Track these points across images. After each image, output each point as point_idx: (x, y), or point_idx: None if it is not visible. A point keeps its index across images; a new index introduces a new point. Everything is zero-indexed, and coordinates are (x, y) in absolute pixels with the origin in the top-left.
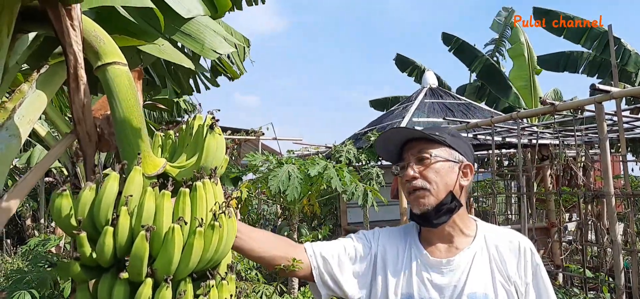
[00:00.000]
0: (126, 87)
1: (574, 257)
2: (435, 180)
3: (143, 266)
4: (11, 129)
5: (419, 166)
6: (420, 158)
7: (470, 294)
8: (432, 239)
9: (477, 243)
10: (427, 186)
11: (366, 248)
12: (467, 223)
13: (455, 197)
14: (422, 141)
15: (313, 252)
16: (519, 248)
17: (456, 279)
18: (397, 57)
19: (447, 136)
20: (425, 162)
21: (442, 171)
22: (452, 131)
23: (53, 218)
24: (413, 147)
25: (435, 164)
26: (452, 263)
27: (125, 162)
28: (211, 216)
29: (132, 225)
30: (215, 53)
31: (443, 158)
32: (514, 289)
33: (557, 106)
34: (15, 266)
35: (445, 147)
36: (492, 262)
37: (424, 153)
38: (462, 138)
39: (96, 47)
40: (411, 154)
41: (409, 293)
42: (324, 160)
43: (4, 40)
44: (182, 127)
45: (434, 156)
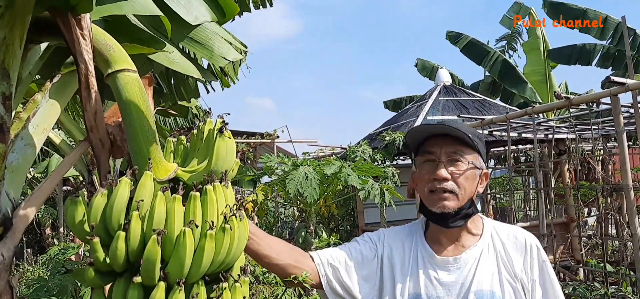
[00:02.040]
0: (136, 94)
1: (594, 252)
2: (465, 186)
3: (155, 270)
4: (26, 139)
5: (452, 167)
6: (455, 160)
7: (477, 291)
8: (439, 238)
9: (483, 240)
10: (457, 190)
11: (372, 250)
12: (475, 222)
13: (473, 204)
14: (457, 141)
15: (320, 261)
16: (526, 245)
17: (463, 277)
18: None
19: (477, 140)
20: (460, 166)
21: (470, 178)
22: (479, 134)
23: (67, 224)
24: (447, 145)
25: (469, 171)
26: (459, 260)
27: (136, 167)
28: (222, 219)
29: (144, 229)
30: (224, 60)
31: (474, 165)
32: (521, 286)
33: (572, 99)
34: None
35: (476, 154)
36: (498, 259)
37: (461, 157)
38: (483, 141)
39: (106, 55)
40: (444, 151)
41: (416, 292)
42: (338, 160)
43: (16, 51)
44: (193, 132)
45: (470, 162)
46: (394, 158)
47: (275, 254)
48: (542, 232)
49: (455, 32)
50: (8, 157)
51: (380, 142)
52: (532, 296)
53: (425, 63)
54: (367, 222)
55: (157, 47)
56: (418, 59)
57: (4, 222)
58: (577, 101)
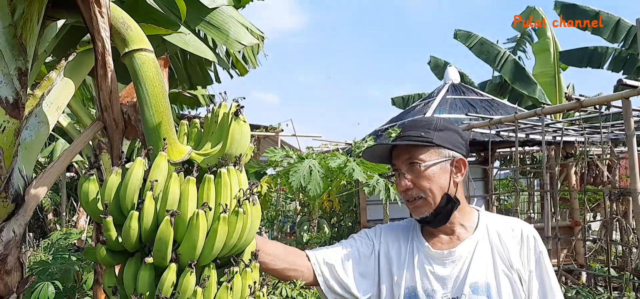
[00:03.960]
0: (153, 74)
1: (597, 256)
2: (429, 187)
3: (167, 251)
4: (40, 116)
5: (411, 173)
6: (410, 165)
7: (472, 284)
8: (433, 232)
9: (478, 232)
10: (422, 195)
11: (369, 247)
12: (467, 215)
13: (451, 199)
14: (409, 147)
15: (316, 260)
16: (522, 236)
17: (458, 270)
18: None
19: (433, 133)
20: (416, 169)
21: (434, 176)
22: (438, 125)
23: (80, 202)
24: (402, 154)
25: (426, 170)
26: (453, 254)
27: (151, 147)
28: (235, 203)
29: (157, 210)
30: (240, 44)
31: (433, 162)
32: (517, 277)
33: (583, 101)
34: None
35: (434, 148)
36: (494, 250)
37: (414, 160)
38: (449, 129)
39: (124, 34)
40: (401, 161)
41: (412, 286)
42: (344, 155)
43: (34, 27)
44: (207, 115)
45: (425, 164)
46: None
47: (272, 259)
48: (547, 234)
49: (465, 31)
50: (22, 133)
51: (386, 139)
52: (528, 287)
53: (438, 61)
54: (370, 219)
55: (173, 29)
56: (431, 57)
57: (16, 199)
58: (588, 103)
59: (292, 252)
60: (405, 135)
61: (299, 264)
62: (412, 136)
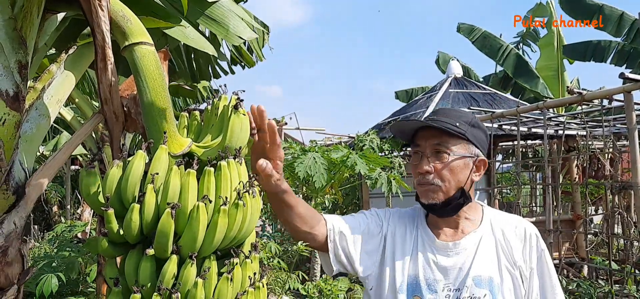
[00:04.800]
0: (153, 67)
1: (599, 250)
2: (449, 178)
3: (168, 243)
4: (41, 109)
5: (435, 159)
6: (437, 151)
7: (475, 277)
8: (438, 223)
9: (483, 227)
10: (440, 184)
11: (378, 226)
12: (473, 210)
13: (464, 193)
14: (440, 132)
15: (332, 226)
16: (525, 234)
17: (461, 262)
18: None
19: (467, 127)
20: (442, 157)
21: (457, 169)
22: (472, 120)
23: (82, 195)
24: (431, 137)
25: (453, 162)
26: (458, 245)
27: (151, 141)
28: (235, 195)
29: (158, 202)
30: (239, 38)
31: (460, 155)
32: (519, 274)
33: (585, 95)
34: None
35: (464, 142)
36: (498, 246)
37: (443, 147)
38: (480, 127)
39: (123, 27)
40: (429, 144)
41: (415, 274)
42: (347, 148)
43: (34, 20)
44: (207, 108)
45: (453, 153)
46: (402, 148)
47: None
48: (548, 228)
49: (468, 25)
50: (22, 126)
51: (389, 132)
52: (529, 284)
53: (446, 56)
54: None
55: (173, 22)
56: (439, 52)
57: (17, 191)
58: (589, 97)
59: (314, 216)
60: (439, 120)
61: (316, 227)
62: (447, 122)
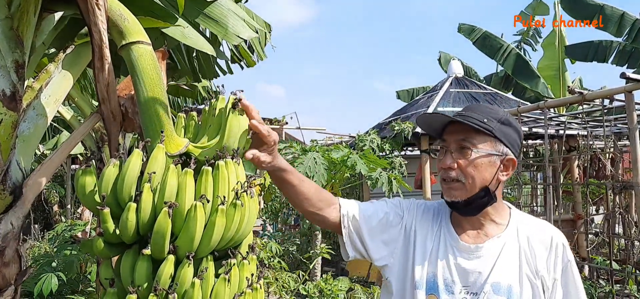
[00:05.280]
0: (150, 67)
1: (600, 250)
2: (472, 175)
3: (165, 243)
4: (38, 109)
5: (459, 155)
6: (461, 147)
7: (494, 284)
8: (462, 223)
9: (508, 232)
10: (462, 179)
11: (398, 216)
12: (500, 212)
13: (489, 192)
14: (466, 127)
15: (347, 212)
16: (552, 242)
17: (482, 267)
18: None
19: (495, 124)
20: (466, 153)
21: (481, 166)
22: (503, 117)
23: (77, 194)
24: (457, 132)
25: (477, 158)
26: (480, 249)
27: (148, 140)
28: (233, 195)
29: (155, 202)
30: (238, 38)
31: (485, 152)
32: (541, 283)
33: (585, 95)
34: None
35: (491, 139)
36: (521, 254)
37: (467, 143)
38: (512, 125)
39: (121, 27)
40: (454, 139)
41: (433, 272)
42: (347, 148)
43: (31, 19)
44: (205, 109)
45: (477, 150)
46: (403, 148)
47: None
48: None
49: (469, 25)
50: (20, 126)
51: (390, 132)
52: (551, 295)
53: (448, 56)
54: None
55: (170, 22)
56: (441, 52)
57: (14, 191)
58: (590, 97)
59: (324, 198)
60: (467, 115)
61: (326, 212)
62: (474, 118)
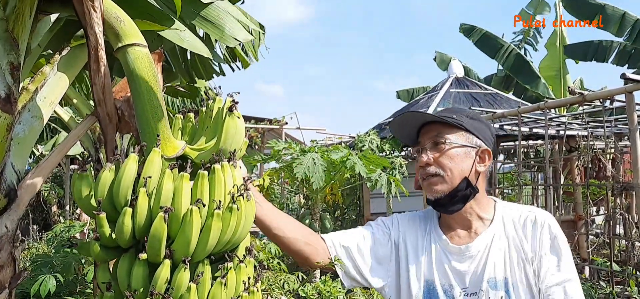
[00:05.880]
0: (146, 69)
1: (600, 250)
2: (449, 166)
3: (161, 247)
4: (33, 111)
5: (434, 151)
6: (435, 143)
7: (489, 279)
8: (451, 225)
9: (495, 225)
10: (441, 172)
11: (385, 235)
12: (484, 207)
13: (470, 184)
14: (438, 125)
15: (332, 243)
16: (536, 222)
17: (475, 265)
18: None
19: (465, 119)
20: (440, 147)
21: (457, 157)
22: (471, 114)
23: (74, 198)
24: (429, 132)
25: (450, 150)
26: (470, 248)
27: (144, 143)
28: (229, 199)
29: (151, 206)
30: (235, 40)
31: (459, 144)
32: (532, 269)
33: (586, 95)
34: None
35: (462, 132)
36: (510, 243)
37: (439, 138)
38: (482, 121)
39: (117, 29)
40: (427, 138)
41: (431, 280)
42: (347, 149)
43: (26, 21)
44: (202, 110)
45: (449, 141)
46: (403, 149)
47: (286, 232)
48: None
49: (469, 25)
50: (14, 128)
51: (389, 132)
52: (538, 266)
53: (444, 56)
54: (373, 212)
55: (167, 24)
56: (437, 52)
57: (9, 194)
58: (591, 97)
59: (307, 229)
60: (436, 114)
61: (314, 242)
62: (444, 115)
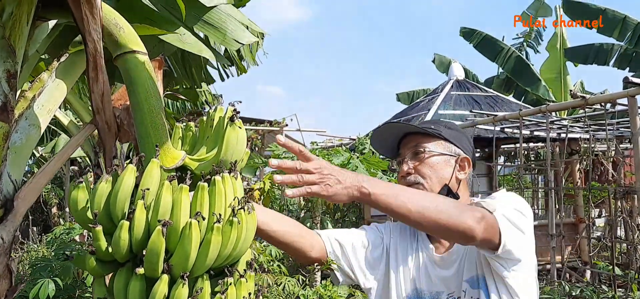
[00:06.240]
0: (146, 77)
1: (601, 253)
2: (430, 175)
3: (159, 262)
4: (31, 119)
5: (414, 160)
6: (415, 153)
7: (468, 279)
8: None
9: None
10: (421, 180)
11: (378, 238)
12: None
13: (451, 191)
14: (417, 136)
15: (328, 237)
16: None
17: (456, 269)
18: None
19: (443, 129)
20: (420, 156)
21: (436, 166)
22: (449, 124)
23: (70, 211)
24: (409, 142)
25: (430, 158)
26: (452, 254)
27: (142, 154)
28: (230, 212)
29: (149, 219)
30: (237, 43)
31: (438, 152)
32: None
33: (588, 99)
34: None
35: (441, 141)
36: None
37: (419, 148)
38: (459, 131)
39: (116, 36)
40: (407, 148)
41: (419, 287)
42: (347, 151)
43: (23, 28)
44: (203, 119)
45: (429, 150)
46: None
47: (278, 226)
48: (551, 232)
49: (469, 28)
50: (11, 137)
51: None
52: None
53: (443, 58)
54: (374, 215)
55: (169, 29)
56: (436, 54)
57: (5, 204)
58: (593, 101)
59: (300, 225)
60: (415, 125)
61: (308, 237)
62: (422, 125)
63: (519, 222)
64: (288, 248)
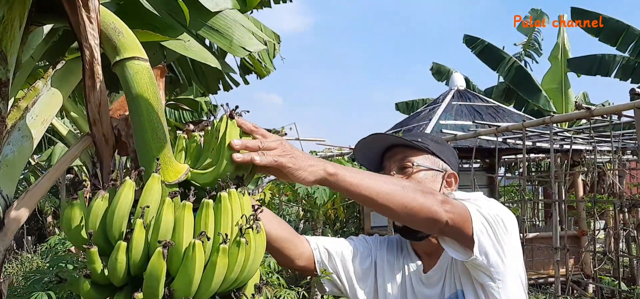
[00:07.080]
0: (146, 85)
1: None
2: None
3: (159, 287)
4: (24, 130)
5: (401, 175)
6: (402, 167)
7: (450, 296)
8: (420, 248)
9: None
10: None
11: (367, 249)
12: None
13: None
14: (404, 148)
15: (317, 245)
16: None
17: (440, 287)
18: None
19: (430, 142)
20: (407, 171)
21: (425, 181)
22: (436, 138)
23: (63, 229)
24: (395, 155)
25: (418, 173)
26: (436, 271)
27: (142, 168)
28: (237, 231)
29: (148, 240)
30: (244, 50)
31: (425, 167)
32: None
33: (593, 110)
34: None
35: (429, 155)
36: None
37: (406, 161)
38: (446, 145)
39: (115, 41)
40: (393, 161)
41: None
42: (349, 161)
43: (16, 33)
44: (207, 129)
45: (417, 164)
46: None
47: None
48: (555, 244)
49: (472, 37)
50: (3, 149)
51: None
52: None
53: (441, 67)
54: (374, 226)
55: (171, 35)
56: (433, 63)
57: None
58: (598, 112)
59: (290, 227)
60: (401, 137)
61: (297, 242)
62: (409, 138)
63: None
64: (275, 253)
